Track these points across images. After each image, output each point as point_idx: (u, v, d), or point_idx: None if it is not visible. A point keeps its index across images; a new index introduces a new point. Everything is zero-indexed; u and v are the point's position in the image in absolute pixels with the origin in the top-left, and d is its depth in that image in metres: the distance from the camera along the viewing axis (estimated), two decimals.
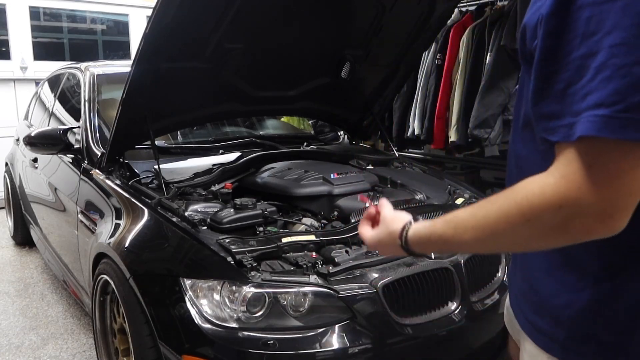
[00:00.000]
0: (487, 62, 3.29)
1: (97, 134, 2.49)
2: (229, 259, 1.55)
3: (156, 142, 2.22)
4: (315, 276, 1.54)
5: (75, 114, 2.83)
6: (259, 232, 1.81)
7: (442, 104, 3.59)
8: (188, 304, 1.50)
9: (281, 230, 1.85)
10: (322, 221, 2.00)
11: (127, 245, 1.78)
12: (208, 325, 1.46)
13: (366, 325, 1.52)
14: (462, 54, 3.46)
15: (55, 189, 2.72)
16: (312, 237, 1.71)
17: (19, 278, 3.49)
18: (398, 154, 2.95)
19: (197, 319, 1.47)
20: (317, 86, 2.66)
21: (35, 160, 3.16)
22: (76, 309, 2.98)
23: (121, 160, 2.29)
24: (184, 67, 2.12)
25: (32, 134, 2.45)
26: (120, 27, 5.99)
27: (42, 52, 5.41)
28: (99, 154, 2.35)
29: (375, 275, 1.60)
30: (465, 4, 3.67)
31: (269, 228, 1.85)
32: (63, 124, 2.99)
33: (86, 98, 2.66)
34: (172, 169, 2.27)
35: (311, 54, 2.47)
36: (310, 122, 3.48)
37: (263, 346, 1.43)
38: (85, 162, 2.44)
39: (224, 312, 1.48)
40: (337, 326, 1.49)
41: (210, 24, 1.97)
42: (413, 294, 1.63)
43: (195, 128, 2.89)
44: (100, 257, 1.94)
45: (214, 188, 2.13)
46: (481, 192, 2.47)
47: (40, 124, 3.46)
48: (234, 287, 1.49)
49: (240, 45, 2.16)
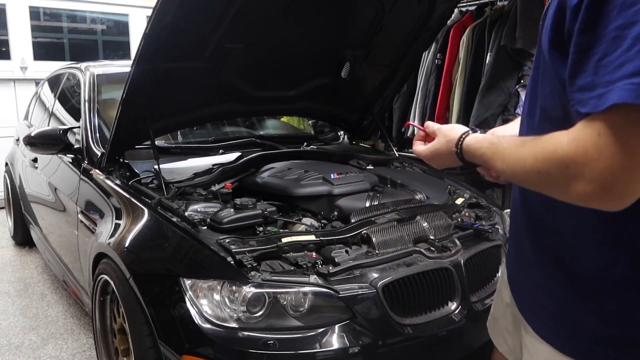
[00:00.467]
0: (487, 62, 3.29)
1: (97, 134, 2.49)
2: (229, 259, 1.55)
3: (156, 142, 2.22)
4: (315, 276, 1.54)
5: (75, 114, 2.83)
6: (259, 232, 1.81)
7: (442, 104, 3.59)
8: (188, 304, 1.50)
9: (281, 230, 1.85)
10: (322, 221, 2.00)
11: (127, 245, 1.78)
12: (208, 325, 1.46)
13: (366, 325, 1.52)
14: (462, 54, 3.46)
15: (55, 189, 2.72)
16: (312, 237, 1.71)
17: (19, 278, 3.49)
18: (398, 154, 2.95)
19: (197, 319, 1.47)
20: (317, 86, 2.66)
21: (35, 160, 3.16)
22: (76, 309, 2.98)
23: (121, 160, 2.29)
24: (184, 67, 2.12)
25: (32, 134, 2.45)
26: (120, 27, 5.99)
27: (42, 52, 5.41)
28: (99, 154, 2.36)
29: (375, 275, 1.60)
30: (465, 4, 3.67)
31: (269, 228, 1.85)
32: (63, 124, 2.99)
33: (86, 98, 2.66)
34: (172, 169, 2.27)
35: (311, 54, 2.47)
36: (310, 122, 3.48)
37: (263, 346, 1.43)
38: (85, 162, 2.44)
39: (224, 312, 1.48)
40: (337, 326, 1.49)
41: (210, 24, 1.97)
42: (413, 294, 1.63)
43: (195, 128, 2.89)
44: (100, 257, 1.94)
45: (214, 188, 2.13)
46: (481, 192, 2.47)
47: (40, 124, 3.46)
48: (234, 287, 1.49)
49: (240, 45, 2.16)
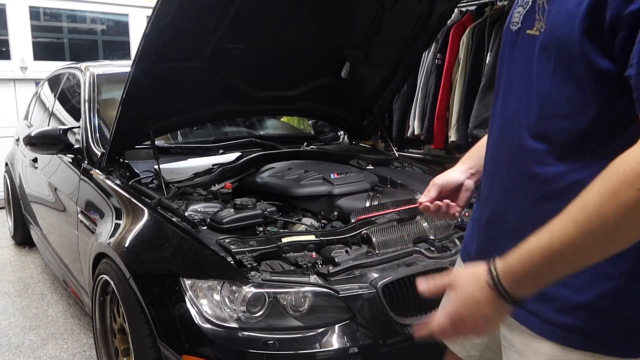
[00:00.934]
0: (487, 62, 3.29)
1: (97, 134, 2.49)
2: (229, 259, 1.55)
3: (156, 142, 2.22)
4: (315, 276, 1.54)
5: (75, 114, 2.83)
6: (259, 232, 1.81)
7: (442, 104, 3.59)
8: (188, 304, 1.50)
9: (281, 230, 1.85)
10: (322, 221, 2.00)
11: (127, 245, 1.78)
12: (208, 325, 1.46)
13: (366, 325, 1.52)
14: (462, 54, 3.46)
15: (55, 189, 2.72)
16: (312, 237, 1.71)
17: (19, 278, 3.49)
18: (398, 154, 2.95)
19: (197, 319, 1.47)
20: (317, 86, 2.66)
21: (35, 160, 3.16)
22: (76, 309, 2.98)
23: (121, 160, 2.29)
24: (184, 67, 2.12)
25: (32, 134, 2.45)
26: (120, 27, 5.99)
27: (42, 52, 5.40)
28: (99, 154, 2.36)
29: (375, 275, 1.60)
30: (465, 4, 3.67)
31: (269, 228, 1.85)
32: (63, 124, 2.99)
33: (86, 98, 2.66)
34: (172, 169, 2.27)
35: (311, 54, 2.47)
36: (310, 122, 3.48)
37: (263, 346, 1.43)
38: (85, 162, 2.44)
39: (224, 312, 1.48)
40: (337, 326, 1.49)
41: (210, 24, 1.97)
42: (413, 294, 1.62)
43: (195, 128, 2.90)
44: (100, 257, 1.94)
45: (214, 188, 2.13)
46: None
47: (40, 124, 3.46)
48: (234, 287, 1.49)
49: (240, 45, 2.16)
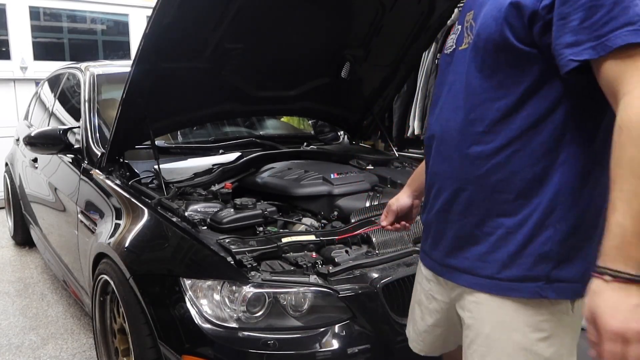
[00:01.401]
0: None
1: (97, 134, 2.49)
2: (229, 259, 1.55)
3: (156, 142, 2.22)
4: (315, 276, 1.54)
5: (75, 114, 2.83)
6: (259, 232, 1.81)
7: None
8: (188, 304, 1.50)
9: (281, 230, 1.85)
10: (322, 221, 2.00)
11: (127, 245, 1.78)
12: (208, 325, 1.46)
13: (366, 325, 1.52)
14: None
15: (55, 189, 2.72)
16: (312, 237, 1.71)
17: (19, 278, 3.49)
18: (398, 154, 2.95)
19: (197, 319, 1.47)
20: (317, 86, 2.66)
21: (35, 160, 3.16)
22: (76, 309, 2.98)
23: (121, 160, 2.29)
24: (184, 67, 2.12)
25: (32, 134, 2.45)
26: (120, 27, 5.99)
27: (42, 52, 5.41)
28: (99, 154, 2.35)
29: (375, 275, 1.60)
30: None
31: (269, 228, 1.85)
32: (63, 124, 2.98)
33: (86, 98, 2.66)
34: (172, 169, 2.27)
35: (311, 54, 2.47)
36: (310, 122, 3.48)
37: (263, 346, 1.43)
38: (85, 162, 2.44)
39: (224, 312, 1.48)
40: (337, 326, 1.49)
41: (210, 24, 1.97)
42: None
43: (195, 128, 2.90)
44: (100, 257, 1.94)
45: (214, 188, 2.13)
46: None
47: (40, 124, 3.46)
48: (234, 287, 1.49)
49: (240, 45, 2.16)
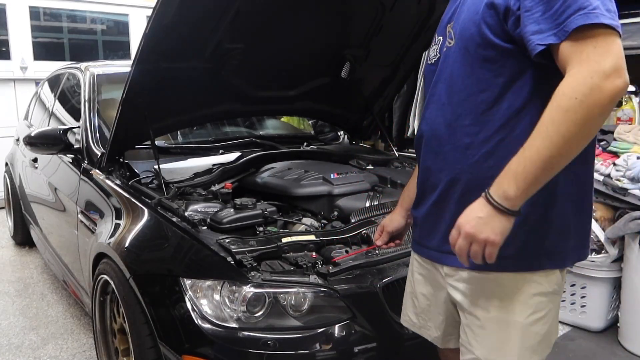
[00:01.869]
0: None
1: (97, 134, 2.49)
2: (229, 259, 1.55)
3: (156, 142, 2.22)
4: (315, 276, 1.54)
5: (75, 114, 2.83)
6: (259, 232, 1.81)
7: None
8: (188, 304, 1.50)
9: (281, 230, 1.85)
10: (322, 221, 2.00)
11: (127, 245, 1.78)
12: (208, 325, 1.46)
13: (366, 325, 1.52)
14: None
15: (55, 189, 2.72)
16: (312, 237, 1.71)
17: (19, 278, 3.49)
18: (398, 154, 2.95)
19: (197, 319, 1.47)
20: (317, 86, 2.66)
21: (35, 160, 3.16)
22: (76, 309, 2.98)
23: (121, 160, 2.29)
24: (184, 67, 2.12)
25: (32, 134, 2.45)
26: (120, 27, 5.99)
27: (42, 52, 5.41)
28: (99, 154, 2.35)
29: (375, 275, 1.60)
30: None
31: (269, 228, 1.85)
32: (63, 124, 2.98)
33: (86, 98, 2.66)
34: (172, 169, 2.27)
35: (311, 54, 2.47)
36: (310, 122, 3.48)
37: (263, 346, 1.43)
38: (85, 162, 2.44)
39: (224, 312, 1.48)
40: (337, 326, 1.49)
41: (210, 24, 1.97)
42: None
43: (195, 128, 2.89)
44: (100, 257, 1.94)
45: (214, 188, 2.13)
46: None
47: (40, 124, 3.46)
48: (234, 287, 1.49)
49: (240, 45, 2.16)
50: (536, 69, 1.03)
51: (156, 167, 2.08)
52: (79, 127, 2.59)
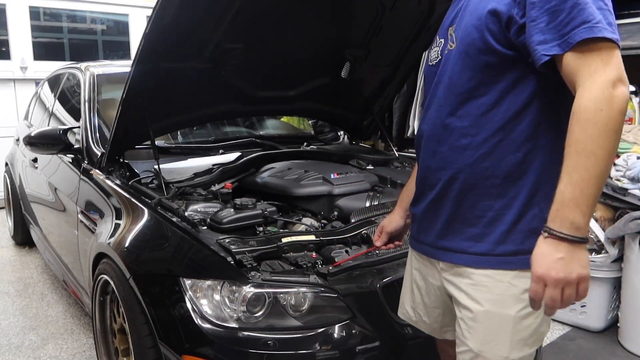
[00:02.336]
0: None
1: (97, 134, 2.49)
2: (229, 259, 1.55)
3: (156, 142, 2.21)
4: (315, 276, 1.54)
5: (75, 114, 2.83)
6: (259, 232, 1.81)
7: None
8: (188, 304, 1.50)
9: (281, 230, 1.85)
10: (322, 221, 2.00)
11: (127, 245, 1.78)
12: (208, 325, 1.46)
13: (366, 325, 1.52)
14: None
15: (55, 189, 2.72)
16: (312, 237, 1.71)
17: (19, 278, 3.49)
18: (398, 154, 2.95)
19: (197, 319, 1.47)
20: (317, 86, 2.66)
21: (35, 160, 3.16)
22: (76, 309, 2.98)
23: (121, 160, 2.29)
24: (184, 67, 2.12)
25: (32, 134, 2.45)
26: (120, 27, 5.99)
27: (42, 52, 5.41)
28: (99, 154, 2.35)
29: (375, 275, 1.60)
30: None
31: (269, 228, 1.85)
32: (63, 124, 2.98)
33: (86, 98, 2.66)
34: (172, 169, 2.27)
35: (311, 54, 2.47)
36: (310, 122, 3.48)
37: (263, 346, 1.43)
38: (85, 162, 2.44)
39: (224, 312, 1.48)
40: (337, 326, 1.49)
41: (210, 24, 1.97)
42: None
43: (195, 128, 2.89)
44: (100, 257, 1.94)
45: (214, 188, 2.13)
46: None
47: (40, 124, 3.46)
48: (234, 287, 1.49)
49: (240, 45, 2.16)
50: (535, 75, 1.06)
51: (156, 167, 2.08)
52: (79, 127, 2.59)
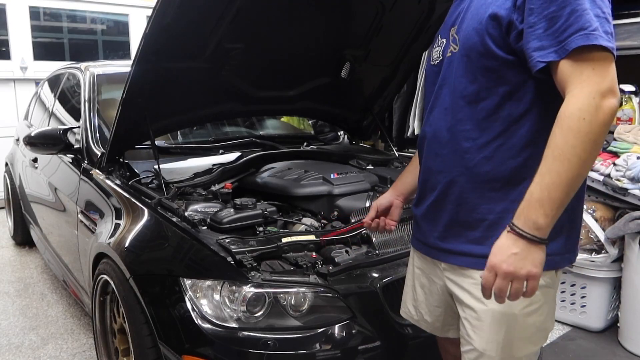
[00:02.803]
0: None
1: (97, 134, 2.49)
2: (229, 259, 1.55)
3: (156, 142, 2.22)
4: (315, 276, 1.54)
5: (75, 114, 2.83)
6: (259, 232, 1.81)
7: None
8: (188, 304, 1.50)
9: (281, 230, 1.85)
10: (322, 221, 2.00)
11: (127, 245, 1.78)
12: (208, 325, 1.46)
13: (366, 325, 1.52)
14: None
15: (55, 189, 2.72)
16: (312, 237, 1.71)
17: (19, 278, 3.49)
18: (398, 154, 2.95)
19: (197, 319, 1.47)
20: (317, 86, 2.66)
21: (35, 160, 3.16)
22: (76, 309, 2.98)
23: (121, 160, 2.29)
24: (184, 67, 2.11)
25: (32, 134, 2.45)
26: (120, 27, 5.99)
27: (42, 52, 5.41)
28: (99, 154, 2.35)
29: (375, 275, 1.60)
30: None
31: (269, 228, 1.85)
32: (63, 124, 2.98)
33: (86, 98, 2.66)
34: (172, 169, 2.27)
35: (311, 54, 2.47)
36: (310, 122, 3.48)
37: (263, 346, 1.43)
38: (85, 162, 2.44)
39: (224, 312, 1.48)
40: (337, 326, 1.49)
41: (210, 24, 1.97)
42: None
43: (195, 128, 2.89)
44: (100, 257, 1.94)
45: (214, 188, 2.13)
46: None
47: (40, 124, 3.46)
48: (234, 287, 1.49)
49: (240, 45, 2.16)
50: (536, 81, 1.06)
51: (156, 167, 2.08)
52: (79, 127, 2.59)
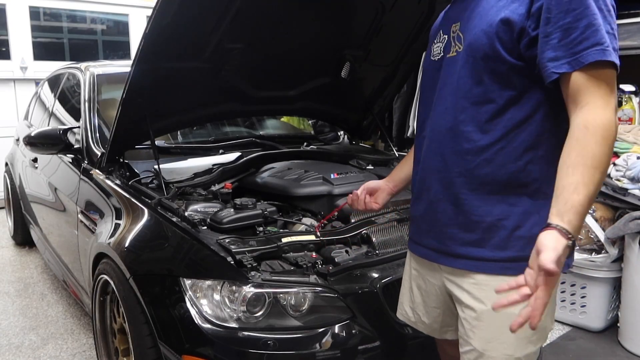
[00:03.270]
0: None
1: (97, 134, 2.49)
2: (229, 259, 1.55)
3: (156, 142, 2.22)
4: (315, 276, 1.54)
5: (75, 114, 2.83)
6: (259, 232, 1.81)
7: None
8: (188, 304, 1.50)
9: (281, 230, 1.85)
10: (322, 221, 2.00)
11: (127, 245, 1.78)
12: (208, 325, 1.46)
13: (366, 325, 1.52)
14: None
15: (55, 189, 2.72)
16: (312, 237, 1.71)
17: (19, 278, 3.49)
18: (398, 154, 2.95)
19: (197, 319, 1.47)
20: (317, 86, 2.66)
21: (35, 160, 3.16)
22: (76, 309, 2.98)
23: (121, 160, 2.29)
24: (184, 67, 2.11)
25: (32, 134, 2.45)
26: (120, 27, 5.99)
27: (42, 52, 5.41)
28: (99, 154, 2.35)
29: (375, 275, 1.60)
30: None
31: (269, 228, 1.85)
32: (63, 124, 2.98)
33: (86, 98, 2.66)
34: (172, 169, 2.27)
35: (311, 54, 2.46)
36: (310, 122, 3.48)
37: (263, 346, 1.43)
38: (85, 162, 2.44)
39: (224, 312, 1.48)
40: (337, 326, 1.49)
41: (210, 24, 1.97)
42: None
43: (195, 128, 2.89)
44: (100, 257, 1.94)
45: (214, 188, 2.13)
46: None
47: (40, 124, 3.46)
48: (234, 287, 1.49)
49: (240, 45, 2.16)
50: (542, 87, 1.06)
51: (156, 167, 2.08)
52: (79, 127, 2.59)
